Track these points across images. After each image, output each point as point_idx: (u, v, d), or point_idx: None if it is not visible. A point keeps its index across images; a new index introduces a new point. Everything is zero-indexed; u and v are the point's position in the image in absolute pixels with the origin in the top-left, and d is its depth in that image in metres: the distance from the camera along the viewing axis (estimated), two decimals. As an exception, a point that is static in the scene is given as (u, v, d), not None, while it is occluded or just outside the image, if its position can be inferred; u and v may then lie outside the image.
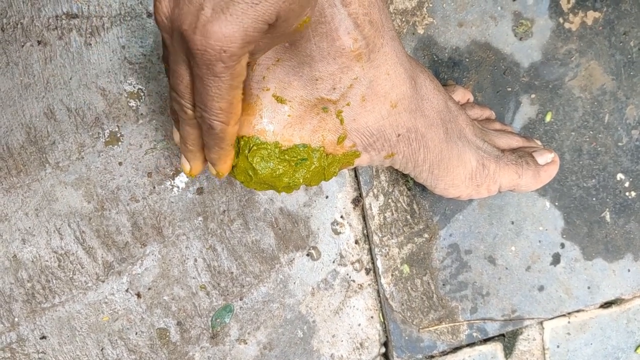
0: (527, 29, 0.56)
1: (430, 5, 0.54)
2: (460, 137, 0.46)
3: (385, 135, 0.42)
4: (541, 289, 0.57)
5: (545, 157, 0.50)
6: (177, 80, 0.35)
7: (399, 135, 0.43)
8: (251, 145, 0.39)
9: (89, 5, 0.47)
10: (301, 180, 0.41)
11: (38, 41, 0.47)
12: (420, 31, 0.54)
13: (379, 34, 0.39)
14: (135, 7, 0.48)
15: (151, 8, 0.48)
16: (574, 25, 0.57)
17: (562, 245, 0.57)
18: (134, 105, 0.48)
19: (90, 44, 0.47)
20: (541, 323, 0.58)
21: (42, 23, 0.47)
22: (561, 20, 0.56)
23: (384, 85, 0.40)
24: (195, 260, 0.51)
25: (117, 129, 0.48)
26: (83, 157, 0.48)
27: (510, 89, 0.56)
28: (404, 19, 0.54)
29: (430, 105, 0.44)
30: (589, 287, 0.58)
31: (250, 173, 0.40)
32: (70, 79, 0.47)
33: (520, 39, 0.56)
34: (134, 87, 0.48)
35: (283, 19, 0.31)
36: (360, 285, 0.54)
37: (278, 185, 0.41)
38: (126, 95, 0.48)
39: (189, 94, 0.35)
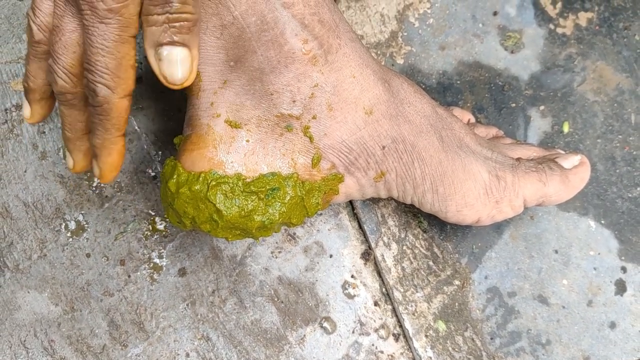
0: (516, 40, 0.51)
1: (405, 33, 0.50)
2: (461, 146, 0.40)
3: (368, 149, 0.36)
4: (613, 326, 0.47)
5: (571, 160, 0.43)
6: (56, 37, 0.30)
7: (383, 147, 0.36)
8: (209, 181, 0.33)
9: (39, 94, 0.44)
10: (277, 216, 0.34)
11: (-11, 139, 0.43)
12: (400, 61, 0.50)
13: (333, 33, 0.34)
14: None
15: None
16: (567, 29, 0.52)
17: (624, 270, 0.48)
18: (97, 188, 0.44)
19: (44, 132, 0.44)
20: (625, 367, 0.47)
21: (-8, 120, 0.44)
22: (552, 26, 0.52)
23: (352, 90, 0.35)
24: (187, 354, 0.42)
25: (81, 217, 0.43)
26: (46, 255, 0.43)
27: (514, 105, 0.50)
28: (379, 52, 0.50)
29: (413, 110, 0.38)
30: (671, 313, 0.47)
31: (215, 217, 0.34)
32: (25, 171, 0.43)
33: (512, 52, 0.51)
34: (95, 169, 0.44)
35: None
36: (391, 356, 0.44)
37: (251, 227, 0.34)
38: (88, 179, 0.44)
39: (66, 56, 0.31)
